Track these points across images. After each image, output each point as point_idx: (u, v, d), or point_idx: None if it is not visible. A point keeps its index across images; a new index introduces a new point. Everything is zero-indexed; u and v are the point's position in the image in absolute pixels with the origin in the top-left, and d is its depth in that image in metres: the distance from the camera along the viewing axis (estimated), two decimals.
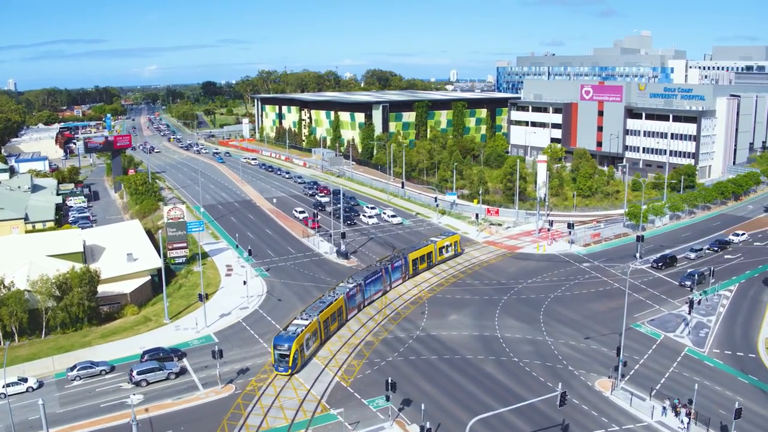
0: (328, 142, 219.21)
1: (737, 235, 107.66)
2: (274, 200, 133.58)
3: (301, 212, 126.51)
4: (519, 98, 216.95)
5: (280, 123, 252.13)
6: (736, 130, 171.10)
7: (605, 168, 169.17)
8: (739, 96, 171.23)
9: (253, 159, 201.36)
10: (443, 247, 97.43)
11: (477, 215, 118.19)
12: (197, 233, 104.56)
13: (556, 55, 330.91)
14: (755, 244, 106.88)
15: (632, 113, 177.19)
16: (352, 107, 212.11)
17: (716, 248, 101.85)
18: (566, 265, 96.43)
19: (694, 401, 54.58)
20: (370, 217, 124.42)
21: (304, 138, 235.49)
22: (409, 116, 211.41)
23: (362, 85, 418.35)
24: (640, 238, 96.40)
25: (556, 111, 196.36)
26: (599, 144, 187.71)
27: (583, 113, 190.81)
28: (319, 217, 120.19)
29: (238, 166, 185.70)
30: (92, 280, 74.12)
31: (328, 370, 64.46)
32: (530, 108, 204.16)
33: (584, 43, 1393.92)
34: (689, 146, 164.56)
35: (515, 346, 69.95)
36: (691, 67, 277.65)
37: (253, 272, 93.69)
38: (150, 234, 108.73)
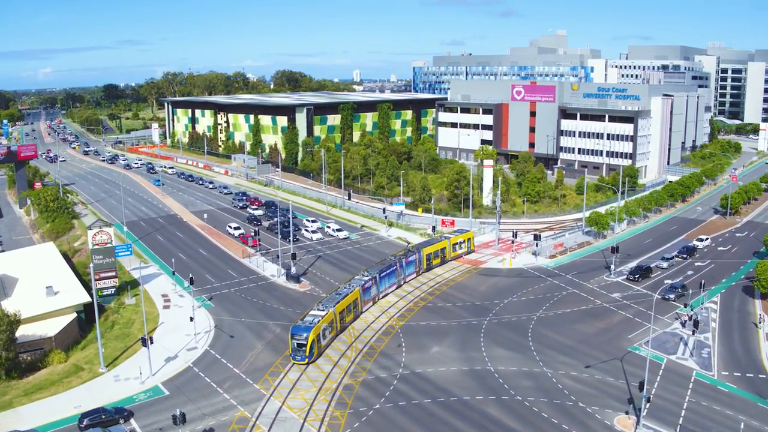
0: (248, 148, 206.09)
1: (701, 240, 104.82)
2: (205, 215, 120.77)
3: (236, 228, 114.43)
4: (446, 99, 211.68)
5: (194, 128, 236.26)
6: (670, 129, 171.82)
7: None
8: (672, 96, 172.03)
9: (170, 168, 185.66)
10: (456, 243, 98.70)
11: (433, 228, 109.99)
12: (124, 257, 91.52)
13: (473, 54, 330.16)
14: (719, 249, 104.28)
15: (566, 114, 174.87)
16: (274, 110, 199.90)
17: (684, 255, 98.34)
18: (538, 281, 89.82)
19: None
20: (313, 231, 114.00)
21: (220, 143, 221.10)
22: (334, 119, 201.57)
23: (272, 86, 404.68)
24: (614, 250, 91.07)
25: (486, 112, 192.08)
26: (532, 145, 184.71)
27: (515, 114, 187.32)
28: (258, 234, 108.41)
29: (148, 173, 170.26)
30: (11, 325, 60.68)
31: (309, 427, 54.22)
32: (459, 109, 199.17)
33: (484, 42, 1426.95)
34: (626, 146, 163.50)
35: (513, 381, 62.07)
36: (611, 66, 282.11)
37: (194, 303, 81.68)
38: (67, 258, 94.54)
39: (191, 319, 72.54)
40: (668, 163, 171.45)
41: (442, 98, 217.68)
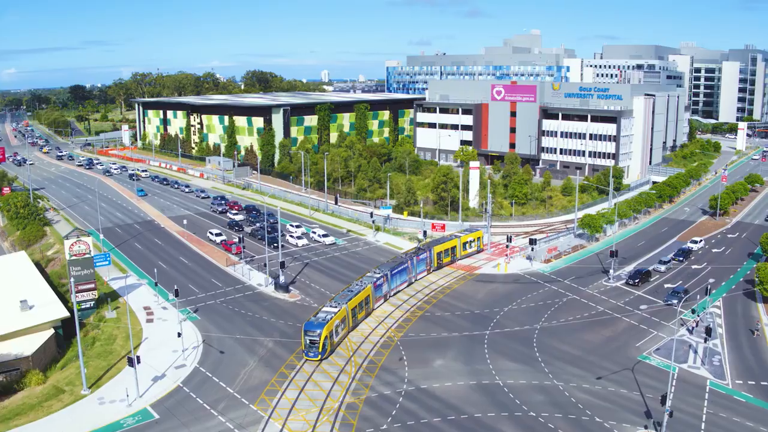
0: (223, 150, 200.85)
1: (695, 242, 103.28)
2: (185, 221, 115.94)
3: (217, 235, 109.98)
4: (423, 99, 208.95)
5: (166, 129, 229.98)
6: (652, 129, 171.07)
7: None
8: (654, 95, 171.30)
9: (143, 171, 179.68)
10: (467, 242, 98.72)
11: (425, 232, 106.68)
12: (101, 267, 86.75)
13: (447, 54, 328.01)
14: (713, 250, 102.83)
15: (547, 114, 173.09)
16: (249, 111, 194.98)
17: (681, 258, 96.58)
18: (536, 287, 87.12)
19: None
20: (298, 237, 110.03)
21: (194, 145, 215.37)
22: (311, 120, 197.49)
23: (242, 87, 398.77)
24: (614, 254, 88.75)
25: (466, 112, 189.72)
26: (512, 146, 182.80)
27: (495, 114, 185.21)
28: (243, 241, 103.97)
29: (129, 180, 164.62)
30: None
31: None
32: (437, 109, 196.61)
33: (451, 42, 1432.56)
34: (609, 147, 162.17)
35: (524, 395, 59.09)
36: (586, 66, 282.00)
37: (179, 315, 77.33)
38: (40, 268, 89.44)
39: (179, 334, 68.18)
40: (650, 163, 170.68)
41: (420, 98, 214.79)
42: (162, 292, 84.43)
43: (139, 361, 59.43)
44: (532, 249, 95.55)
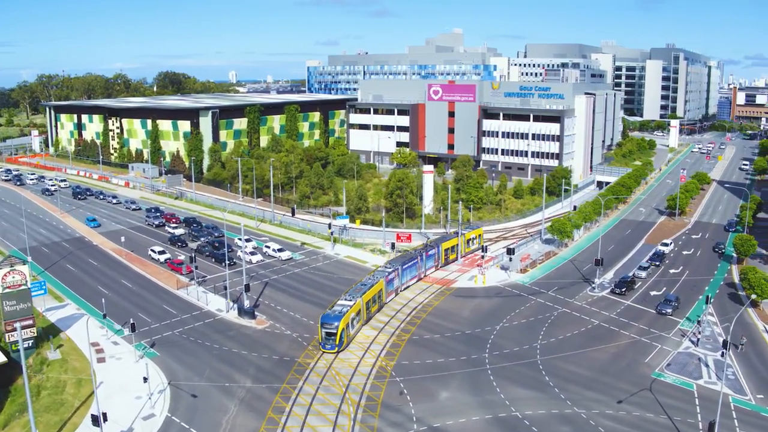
0: (146, 156, 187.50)
1: (665, 245, 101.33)
2: (123, 238, 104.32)
3: (160, 253, 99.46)
4: (355, 99, 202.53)
5: (80, 135, 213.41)
6: (593, 128, 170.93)
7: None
8: (594, 94, 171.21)
9: (62, 180, 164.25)
10: (470, 239, 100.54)
11: (393, 245, 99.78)
12: (36, 297, 75.21)
13: (370, 53, 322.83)
14: (684, 252, 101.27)
15: (488, 114, 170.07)
16: (174, 114, 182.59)
17: (657, 263, 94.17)
18: (521, 301, 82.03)
19: None
20: (251, 253, 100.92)
21: (113, 151, 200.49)
22: (241, 123, 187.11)
23: (155, 89, 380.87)
24: (599, 262, 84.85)
25: (401, 113, 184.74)
26: (451, 147, 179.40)
27: (432, 115, 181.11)
28: (195, 260, 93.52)
29: (43, 194, 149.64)
30: None
31: None
32: (371, 110, 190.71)
33: (359, 42, 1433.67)
34: (553, 147, 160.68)
35: (549, 428, 53.47)
36: (512, 65, 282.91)
37: (134, 352, 67.58)
38: None
39: (145, 379, 58.56)
40: (591, 163, 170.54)
41: (352, 99, 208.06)
42: (109, 324, 74.05)
43: (105, 419, 49.87)
44: (510, 259, 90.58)
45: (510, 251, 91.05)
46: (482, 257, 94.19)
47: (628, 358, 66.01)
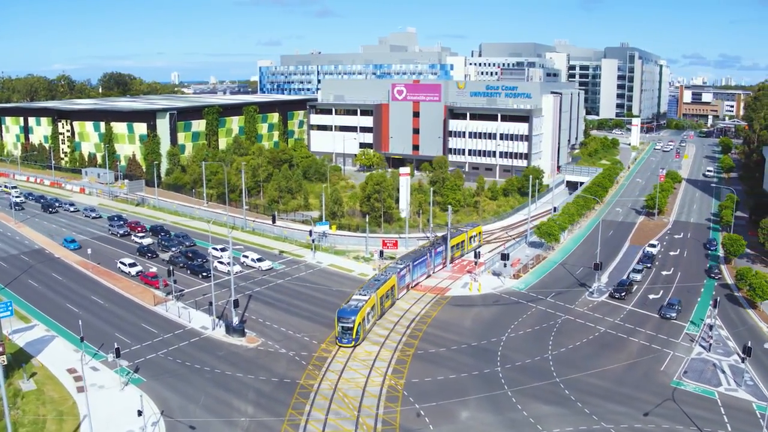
0: (100, 160, 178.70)
1: (653, 246, 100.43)
2: (89, 250, 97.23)
3: (131, 265, 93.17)
4: (316, 100, 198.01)
5: (27, 138, 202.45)
6: (560, 127, 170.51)
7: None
8: (561, 93, 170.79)
9: (12, 187, 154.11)
10: (472, 236, 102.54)
11: (381, 252, 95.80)
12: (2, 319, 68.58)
13: (323, 53, 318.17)
14: (671, 253, 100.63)
15: (454, 113, 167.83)
16: (129, 116, 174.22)
17: (649, 264, 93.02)
18: (522, 309, 79.28)
19: None
20: (229, 263, 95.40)
21: (63, 155, 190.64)
22: (199, 125, 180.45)
23: (100, 90, 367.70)
24: (598, 266, 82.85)
25: (364, 113, 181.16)
26: (416, 148, 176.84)
27: (396, 115, 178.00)
28: (173, 273, 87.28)
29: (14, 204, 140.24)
30: None
31: None
32: (333, 110, 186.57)
33: (302, 42, 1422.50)
34: (521, 146, 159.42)
35: None
36: (468, 64, 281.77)
37: (118, 378, 61.97)
38: None
39: (140, 413, 52.94)
40: (558, 162, 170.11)
41: (313, 99, 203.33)
42: (86, 347, 68.00)
43: None
44: (505, 265, 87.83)
45: (504, 257, 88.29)
46: (475, 263, 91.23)
47: (644, 367, 63.91)
